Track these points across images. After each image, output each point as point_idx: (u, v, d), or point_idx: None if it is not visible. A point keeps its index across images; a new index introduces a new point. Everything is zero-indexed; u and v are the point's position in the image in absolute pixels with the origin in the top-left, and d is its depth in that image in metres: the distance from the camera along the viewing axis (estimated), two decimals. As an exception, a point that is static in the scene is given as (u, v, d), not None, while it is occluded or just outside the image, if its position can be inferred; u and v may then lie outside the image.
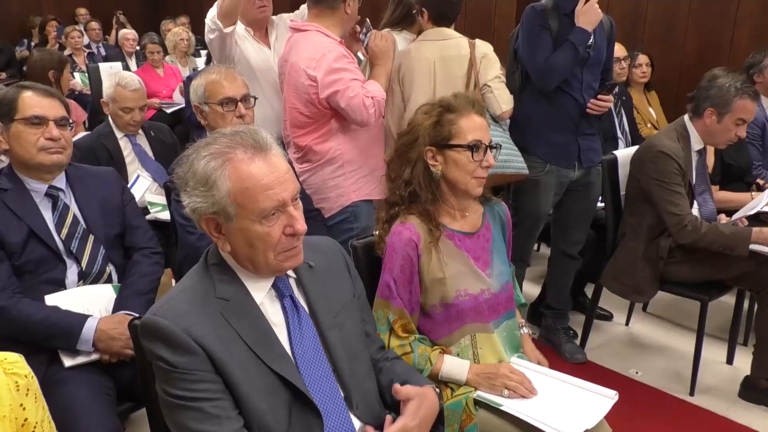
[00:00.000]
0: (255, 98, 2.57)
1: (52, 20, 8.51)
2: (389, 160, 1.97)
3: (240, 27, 3.01)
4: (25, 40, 8.81)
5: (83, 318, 1.98)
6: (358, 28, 2.95)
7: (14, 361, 1.29)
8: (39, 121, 2.05)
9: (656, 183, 2.79)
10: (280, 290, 1.47)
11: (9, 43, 8.53)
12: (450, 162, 1.87)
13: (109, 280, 2.18)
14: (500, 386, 1.78)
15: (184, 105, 5.26)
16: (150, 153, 3.33)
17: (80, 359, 1.98)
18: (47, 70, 3.98)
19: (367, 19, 2.86)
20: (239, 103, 2.45)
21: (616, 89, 3.59)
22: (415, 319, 1.89)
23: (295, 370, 1.41)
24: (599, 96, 2.94)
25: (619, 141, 4.14)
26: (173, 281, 2.40)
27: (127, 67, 6.73)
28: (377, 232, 1.96)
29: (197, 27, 8.22)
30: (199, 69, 6.39)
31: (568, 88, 2.91)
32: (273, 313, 1.45)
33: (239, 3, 2.82)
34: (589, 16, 2.81)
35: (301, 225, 1.38)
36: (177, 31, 6.98)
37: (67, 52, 7.21)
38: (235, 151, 1.34)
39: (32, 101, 2.06)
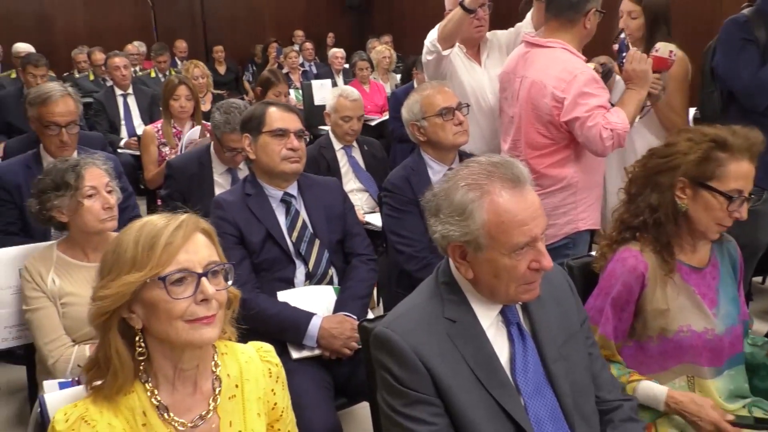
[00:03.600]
0: (467, 105, 2.54)
1: (273, 42, 9.34)
2: (633, 176, 1.79)
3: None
4: (250, 65, 9.74)
5: (309, 316, 2.07)
6: None
7: (268, 350, 1.38)
8: (282, 133, 2.17)
9: None
10: (508, 317, 1.40)
11: (236, 64, 9.50)
12: (699, 201, 1.67)
13: (330, 282, 2.25)
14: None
15: (387, 119, 5.47)
16: (362, 165, 3.46)
17: (305, 353, 2.06)
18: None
19: (626, 37, 2.60)
20: (456, 112, 2.44)
21: None
22: (618, 348, 1.74)
23: (518, 403, 1.34)
24: None
25: None
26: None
27: (335, 84, 7.15)
28: (599, 250, 1.83)
29: (399, 45, 8.55)
30: (398, 84, 6.62)
31: None
32: (498, 339, 1.39)
33: (461, 27, 2.77)
34: None
35: (548, 262, 1.33)
36: (380, 49, 7.27)
37: (284, 71, 7.86)
38: (493, 184, 1.30)
39: (277, 116, 2.20)
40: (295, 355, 2.06)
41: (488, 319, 1.39)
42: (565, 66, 2.45)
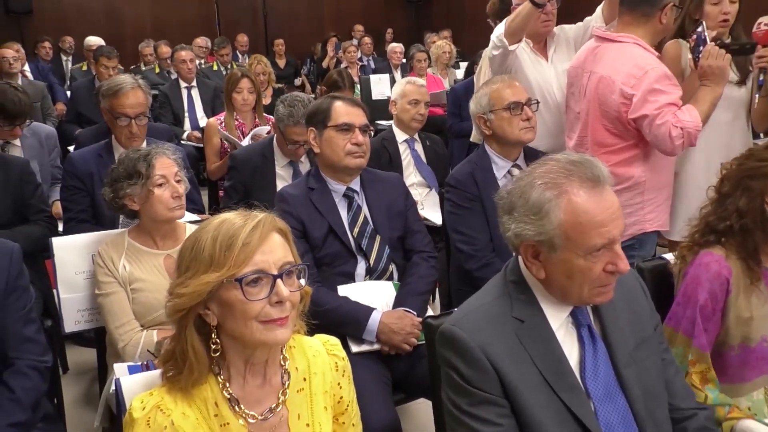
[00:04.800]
0: (537, 102, 2.49)
1: (332, 37, 9.41)
2: (727, 174, 1.71)
3: None
4: (308, 59, 9.85)
5: (369, 310, 2.07)
6: None
7: (334, 343, 1.38)
8: (347, 128, 2.17)
9: None
10: (578, 319, 1.36)
11: (295, 58, 9.62)
12: None
13: (390, 278, 2.25)
14: None
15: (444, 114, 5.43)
16: (424, 159, 3.45)
17: (364, 347, 2.06)
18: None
19: (704, 28, 2.46)
20: (525, 107, 2.40)
21: None
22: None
23: (588, 407, 1.30)
24: None
25: None
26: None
27: (393, 79, 7.15)
28: (679, 252, 1.75)
29: (457, 40, 8.47)
30: (457, 80, 6.57)
31: None
32: (567, 341, 1.35)
33: (529, 22, 2.72)
34: None
35: (625, 265, 1.28)
36: (440, 44, 7.21)
37: (343, 65, 7.91)
38: (571, 183, 1.27)
39: (342, 110, 2.20)
40: (354, 349, 2.07)
41: (558, 320, 1.36)
42: (636, 62, 2.37)
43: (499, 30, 2.81)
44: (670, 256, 1.91)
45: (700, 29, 2.44)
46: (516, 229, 1.31)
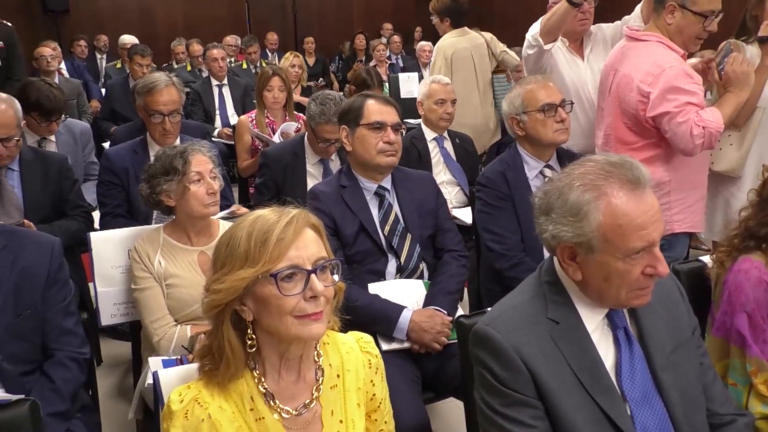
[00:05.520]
0: (572, 103, 2.46)
1: (360, 34, 9.42)
2: None
3: None
4: (337, 57, 9.88)
5: (400, 309, 2.07)
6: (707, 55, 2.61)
7: (368, 341, 1.39)
8: (380, 126, 2.17)
9: None
10: (614, 321, 1.35)
11: (324, 56, 9.65)
12: None
13: (420, 277, 2.24)
14: None
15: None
16: (453, 157, 3.44)
17: (394, 345, 2.07)
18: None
19: (730, 41, 2.48)
20: (559, 108, 2.37)
21: None
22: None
23: (624, 410, 1.28)
24: None
25: None
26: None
27: (422, 77, 7.14)
28: (717, 256, 1.72)
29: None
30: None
31: None
32: (602, 343, 1.33)
33: (565, 21, 2.70)
34: None
35: (665, 268, 1.27)
36: (470, 42, 7.18)
37: (371, 63, 7.92)
38: (611, 184, 1.25)
39: (375, 108, 2.19)
40: (384, 347, 2.07)
41: (593, 322, 1.34)
42: (655, 60, 2.37)
43: (534, 29, 2.79)
44: (706, 259, 1.88)
45: (726, 47, 2.44)
46: (553, 231, 1.30)
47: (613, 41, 2.90)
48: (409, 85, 6.43)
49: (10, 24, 4.46)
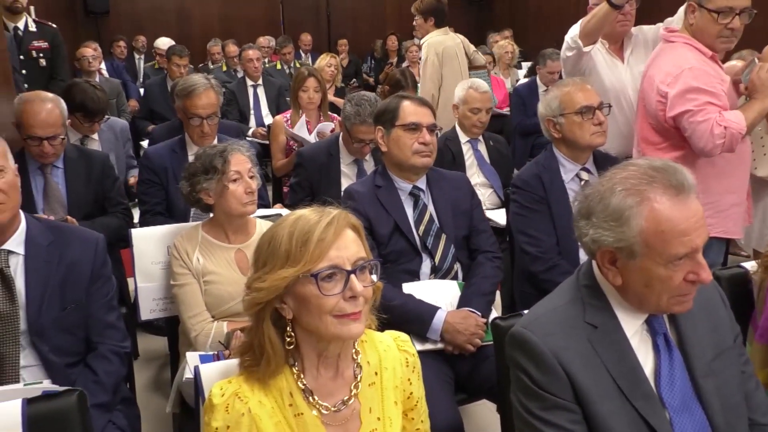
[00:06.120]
0: (609, 105, 2.43)
1: (391, 34, 9.43)
2: None
3: None
4: (369, 57, 9.92)
5: (434, 309, 2.07)
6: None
7: (405, 339, 1.40)
8: (415, 127, 2.18)
9: None
10: (654, 327, 1.33)
11: (357, 57, 9.69)
12: None
13: (455, 277, 2.25)
14: None
15: (508, 113, 5.38)
16: (487, 159, 3.44)
17: (428, 345, 2.07)
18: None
19: (755, 55, 2.47)
20: (597, 111, 2.35)
21: None
22: None
23: (663, 417, 1.27)
24: None
25: None
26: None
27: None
28: (762, 261, 1.70)
29: (520, 40, 8.34)
30: (520, 81, 6.48)
31: None
32: (641, 349, 1.32)
33: (605, 23, 2.67)
34: None
35: (708, 275, 1.25)
36: (503, 44, 7.12)
37: (404, 64, 7.91)
38: (654, 189, 1.24)
39: (410, 109, 2.21)
40: (418, 347, 2.03)
41: (633, 327, 1.33)
42: (676, 60, 2.36)
43: (573, 31, 2.76)
44: (748, 265, 1.84)
45: (753, 61, 2.43)
46: (594, 235, 1.29)
47: (654, 43, 2.85)
48: (442, 87, 6.40)
49: (55, 26, 4.59)
